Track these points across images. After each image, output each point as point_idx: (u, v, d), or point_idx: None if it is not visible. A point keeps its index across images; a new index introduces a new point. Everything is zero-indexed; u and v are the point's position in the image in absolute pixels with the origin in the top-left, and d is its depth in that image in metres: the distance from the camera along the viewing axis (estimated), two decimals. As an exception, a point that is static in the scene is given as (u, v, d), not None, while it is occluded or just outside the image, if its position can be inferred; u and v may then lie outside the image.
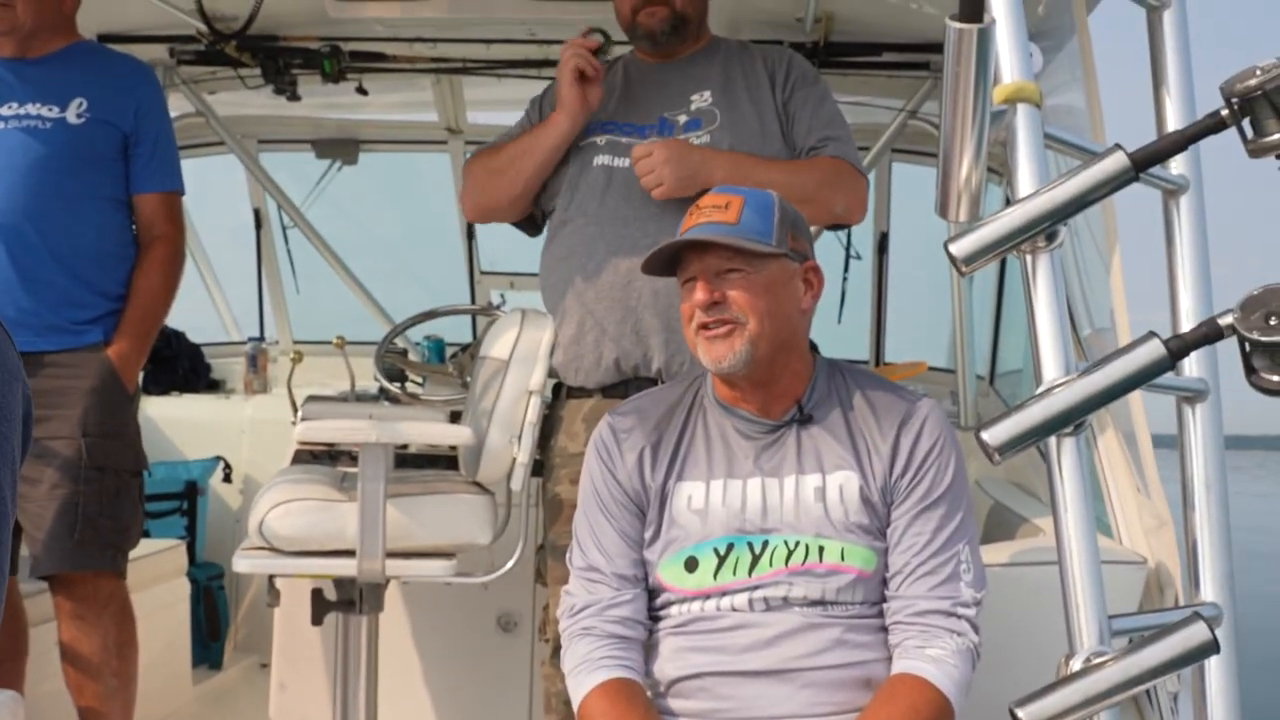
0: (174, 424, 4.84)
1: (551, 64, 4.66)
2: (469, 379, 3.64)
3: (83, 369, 2.97)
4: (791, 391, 2.25)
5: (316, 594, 3.04)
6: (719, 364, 2.18)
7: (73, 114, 3.03)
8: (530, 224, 3.17)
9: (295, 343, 5.46)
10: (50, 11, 3.09)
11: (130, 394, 3.08)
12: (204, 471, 4.77)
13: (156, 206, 3.15)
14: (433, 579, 3.05)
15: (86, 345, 3.01)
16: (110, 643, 3.00)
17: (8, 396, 1.00)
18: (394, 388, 3.93)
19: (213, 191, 5.63)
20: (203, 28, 4.20)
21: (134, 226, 3.17)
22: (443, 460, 3.58)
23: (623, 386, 2.88)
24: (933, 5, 3.97)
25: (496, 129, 5.27)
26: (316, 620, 3.05)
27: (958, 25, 1.39)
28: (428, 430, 3.15)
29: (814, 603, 2.15)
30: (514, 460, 2.93)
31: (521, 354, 2.94)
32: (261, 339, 5.41)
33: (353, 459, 3.74)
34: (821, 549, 2.16)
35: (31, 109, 3.02)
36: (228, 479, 4.90)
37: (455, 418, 3.48)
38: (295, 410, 3.87)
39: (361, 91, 4.65)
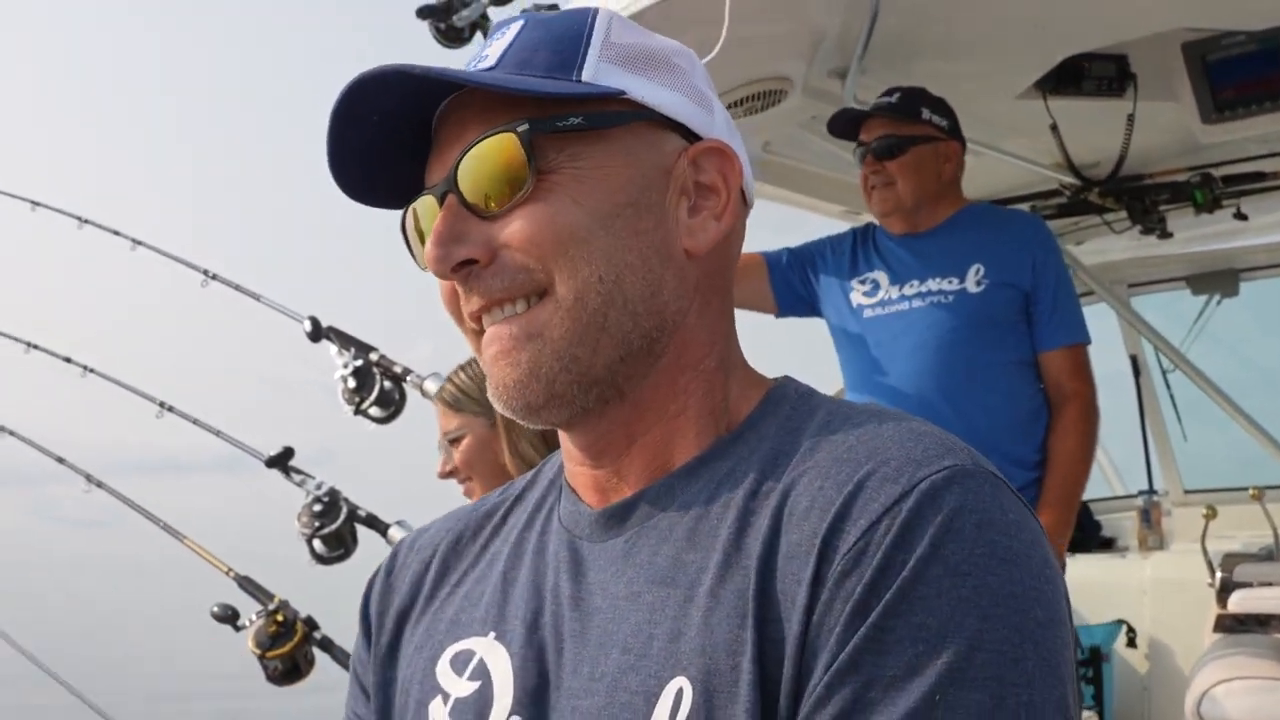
0: (1071, 586, 4.64)
1: None
2: None
3: None
4: None
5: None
6: None
7: (971, 282, 3.02)
8: None
9: (1187, 492, 5.10)
10: (930, 182, 3.13)
11: (1061, 564, 2.96)
12: (1107, 637, 4.52)
13: (1063, 362, 3.05)
14: None
15: None
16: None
17: None
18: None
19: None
20: (1070, 180, 4.12)
21: (1042, 387, 3.08)
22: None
23: None
24: None
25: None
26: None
27: None
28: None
29: None
30: None
31: None
32: (1152, 491, 5.09)
33: (1286, 624, 3.33)
34: None
35: (933, 284, 3.06)
36: (1132, 644, 4.60)
37: None
38: (1211, 571, 3.53)
39: (1240, 217, 4.28)
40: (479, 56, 0.99)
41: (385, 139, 0.98)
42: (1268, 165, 4.14)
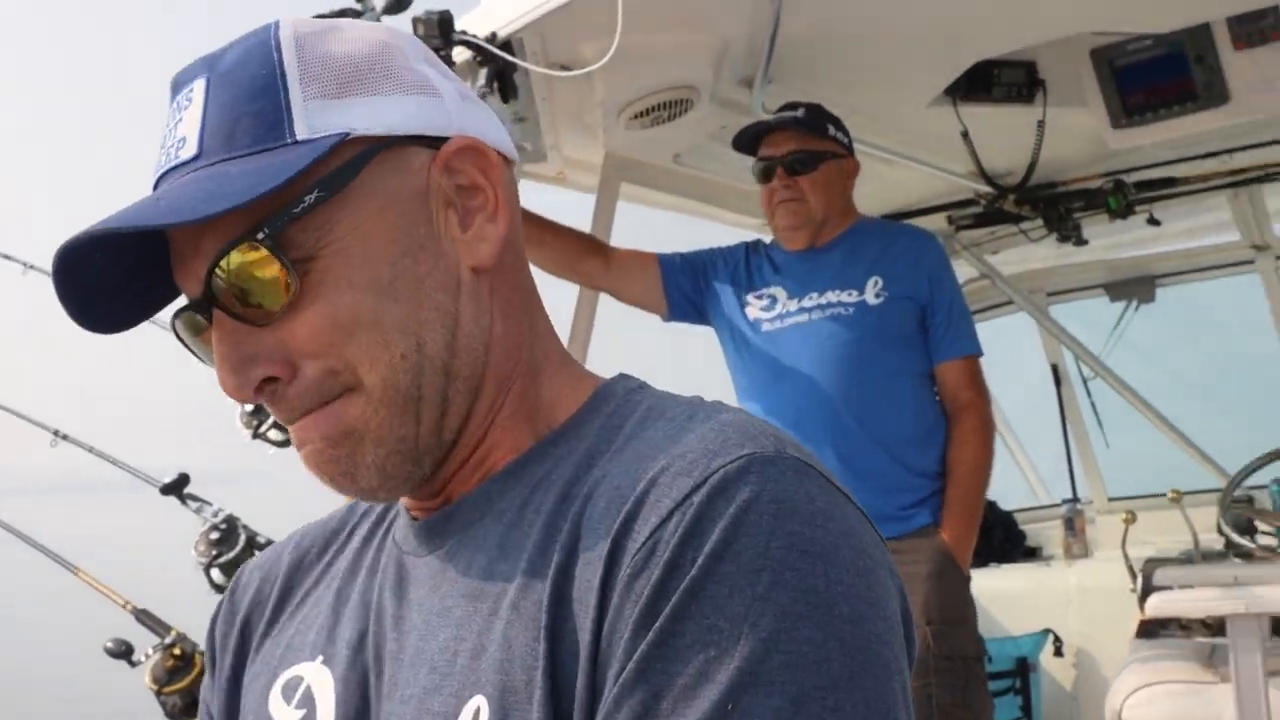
0: (996, 597, 4.63)
1: (1370, 150, 4.07)
2: (1340, 526, 3.10)
3: (918, 554, 2.87)
4: None
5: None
6: None
7: (871, 294, 3.02)
8: None
9: (1110, 500, 5.11)
10: (837, 198, 3.13)
11: (966, 576, 2.94)
12: (1034, 646, 4.50)
13: (959, 374, 3.04)
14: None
15: (916, 530, 2.92)
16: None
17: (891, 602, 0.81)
18: (1246, 542, 3.45)
19: (1005, 352, 5.49)
20: (983, 188, 4.12)
21: (938, 398, 3.07)
22: (1320, 624, 3.04)
23: None
24: None
25: (1313, 236, 4.70)
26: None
27: None
28: (1312, 594, 2.67)
29: None
30: None
31: None
32: (1075, 500, 5.09)
33: (1207, 627, 3.32)
34: None
35: (832, 296, 3.04)
36: (1058, 653, 4.59)
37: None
38: (1133, 576, 3.51)
39: (1153, 222, 4.30)
40: (176, 140, 0.88)
41: (115, 266, 0.88)
42: (1179, 170, 4.17)
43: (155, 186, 0.89)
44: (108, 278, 0.88)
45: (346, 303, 0.85)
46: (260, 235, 0.83)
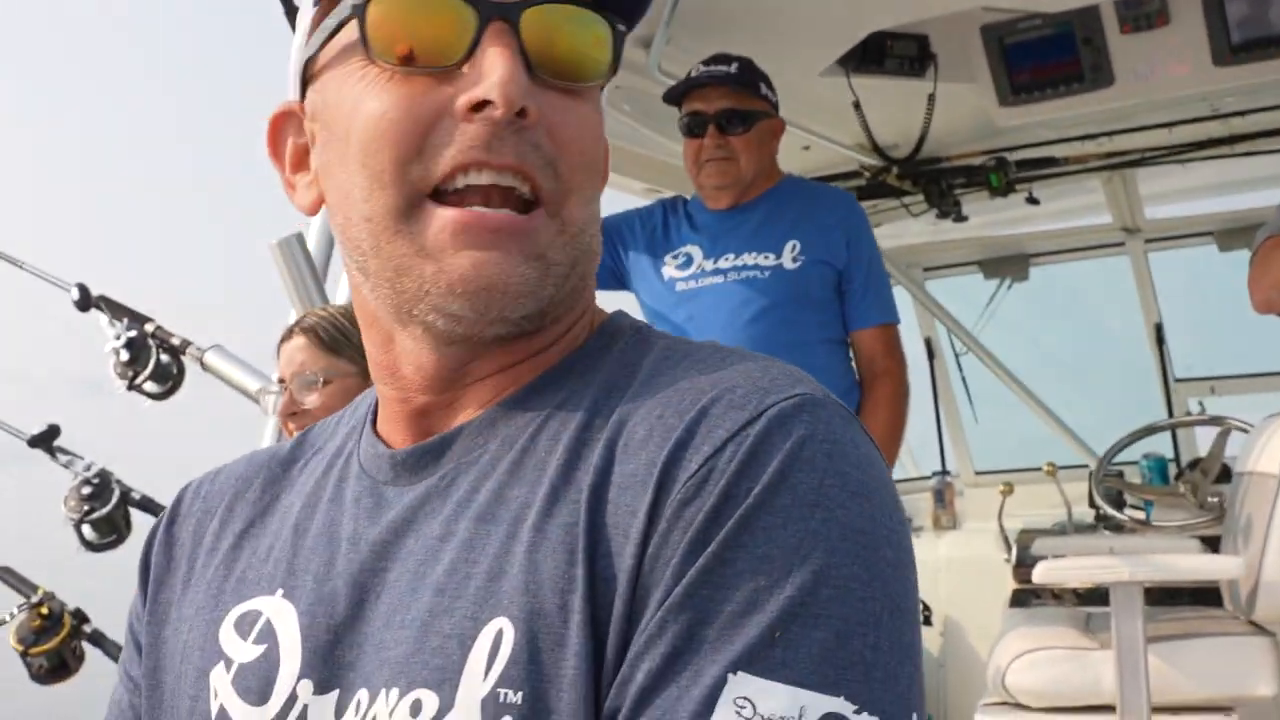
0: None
1: (1239, 139, 4.20)
2: (1209, 499, 3.20)
3: None
4: None
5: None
6: None
7: (788, 258, 2.97)
8: None
9: (977, 473, 5.21)
10: (766, 158, 3.07)
11: None
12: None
13: (876, 341, 3.02)
14: (1209, 737, 2.61)
15: None
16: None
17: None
18: (1117, 514, 3.54)
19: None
20: (869, 161, 4.15)
21: (853, 364, 3.05)
22: (1185, 594, 3.14)
23: None
24: None
25: (1180, 221, 4.85)
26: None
27: None
28: (1189, 564, 2.72)
29: None
30: (1302, 593, 2.47)
31: (1298, 465, 2.48)
32: (945, 472, 5.18)
33: (1077, 595, 3.41)
34: None
35: (748, 258, 2.99)
36: (928, 621, 4.68)
37: (1206, 544, 3.03)
38: (1009, 547, 3.59)
39: (1033, 201, 4.38)
40: None
41: None
42: (1059, 150, 4.25)
43: None
44: None
45: (602, 140, 0.88)
46: (620, 28, 0.86)
